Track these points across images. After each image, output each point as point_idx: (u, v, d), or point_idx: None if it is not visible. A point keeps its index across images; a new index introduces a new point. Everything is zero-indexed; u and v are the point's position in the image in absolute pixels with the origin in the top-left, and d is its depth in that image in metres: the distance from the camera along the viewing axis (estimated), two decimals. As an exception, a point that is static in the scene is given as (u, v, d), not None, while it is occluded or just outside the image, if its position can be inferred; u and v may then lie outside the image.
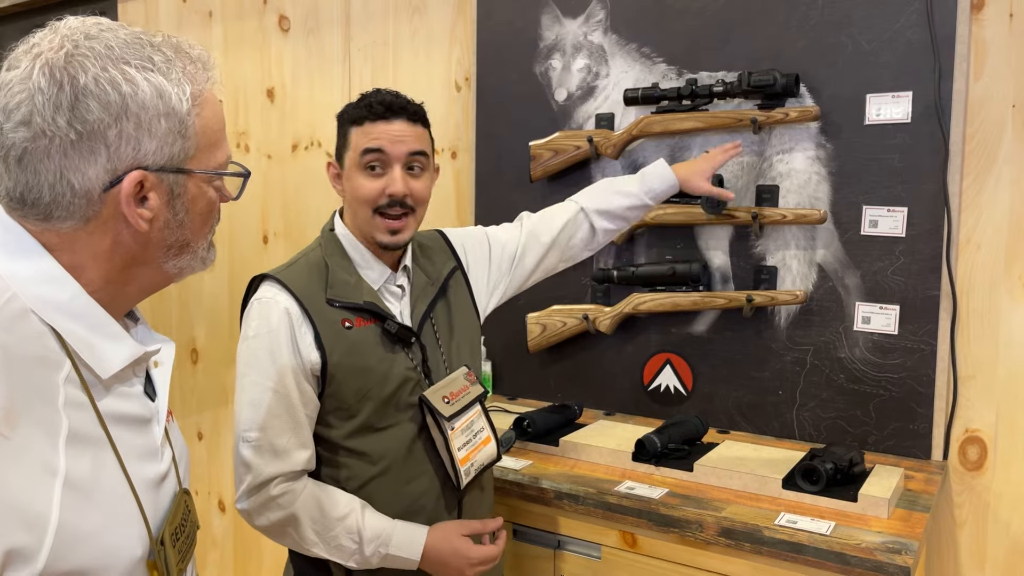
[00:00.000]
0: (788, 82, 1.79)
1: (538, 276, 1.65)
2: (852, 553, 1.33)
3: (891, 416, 1.77)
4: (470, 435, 1.41)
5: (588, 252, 1.69)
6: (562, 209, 1.65)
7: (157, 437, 0.84)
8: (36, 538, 0.67)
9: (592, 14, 2.08)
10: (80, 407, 0.74)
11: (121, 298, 0.81)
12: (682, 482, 1.62)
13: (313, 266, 1.37)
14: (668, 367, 2.03)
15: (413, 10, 2.37)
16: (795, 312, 1.87)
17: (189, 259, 0.84)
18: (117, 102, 0.73)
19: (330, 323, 1.32)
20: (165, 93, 0.76)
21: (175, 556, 0.82)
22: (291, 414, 1.30)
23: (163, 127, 0.76)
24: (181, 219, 0.81)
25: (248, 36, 2.72)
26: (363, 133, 1.34)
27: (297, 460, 1.31)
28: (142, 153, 0.75)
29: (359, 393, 1.33)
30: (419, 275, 1.46)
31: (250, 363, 1.31)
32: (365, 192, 1.35)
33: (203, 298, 2.92)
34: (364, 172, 1.35)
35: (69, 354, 0.74)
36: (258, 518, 1.31)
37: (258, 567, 2.85)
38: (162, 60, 0.77)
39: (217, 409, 2.91)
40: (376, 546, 1.31)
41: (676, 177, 1.65)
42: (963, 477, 1.73)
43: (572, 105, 2.12)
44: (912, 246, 1.74)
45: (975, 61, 1.68)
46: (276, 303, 1.31)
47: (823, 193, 1.83)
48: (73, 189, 0.74)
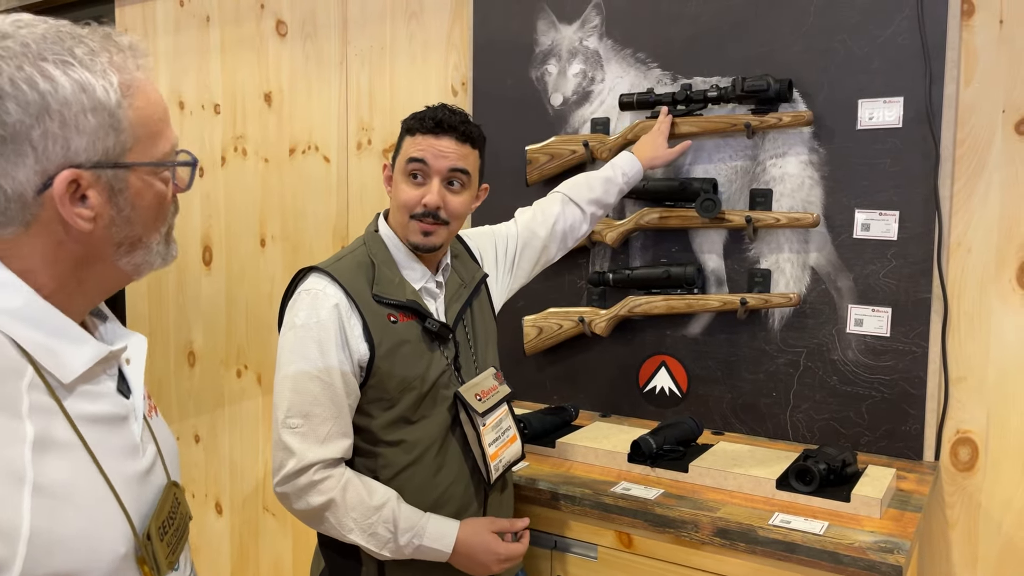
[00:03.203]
0: (781, 87, 1.81)
1: (539, 268, 1.75)
2: (845, 553, 1.34)
3: (883, 417, 1.79)
4: (499, 432, 1.47)
5: (582, 233, 1.79)
6: (550, 201, 1.76)
7: (136, 433, 0.82)
8: (8, 548, 0.65)
9: (587, 20, 2.10)
10: (47, 412, 0.72)
11: (79, 299, 0.79)
12: (677, 483, 1.63)
13: (359, 263, 1.42)
14: (663, 369, 2.04)
15: (410, 15, 2.39)
16: (788, 315, 1.89)
17: (143, 255, 0.81)
18: (36, 101, 0.70)
19: (378, 316, 1.38)
20: (88, 87, 0.72)
21: (164, 549, 0.81)
22: (335, 403, 1.35)
23: (91, 122, 0.72)
24: (127, 215, 0.77)
25: (246, 40, 2.73)
26: (413, 143, 1.42)
27: (338, 448, 1.35)
28: (72, 151, 0.72)
29: (401, 385, 1.38)
30: (454, 277, 1.52)
31: (296, 350, 1.35)
32: (404, 197, 1.42)
33: (200, 301, 2.93)
34: (407, 179, 1.42)
35: (31, 360, 0.72)
36: (297, 502, 1.35)
37: (255, 569, 2.86)
38: (85, 52, 0.73)
39: (214, 412, 2.92)
40: (410, 537, 1.35)
41: (640, 162, 1.82)
42: (954, 477, 1.75)
43: (568, 110, 2.14)
44: (904, 249, 1.76)
45: (965, 67, 1.70)
46: (326, 295, 1.36)
47: (816, 197, 1.85)
48: (6, 194, 0.71)
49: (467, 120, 1.44)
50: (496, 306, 1.64)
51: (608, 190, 1.79)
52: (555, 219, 1.72)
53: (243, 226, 2.79)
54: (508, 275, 1.68)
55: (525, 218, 1.72)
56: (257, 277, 2.77)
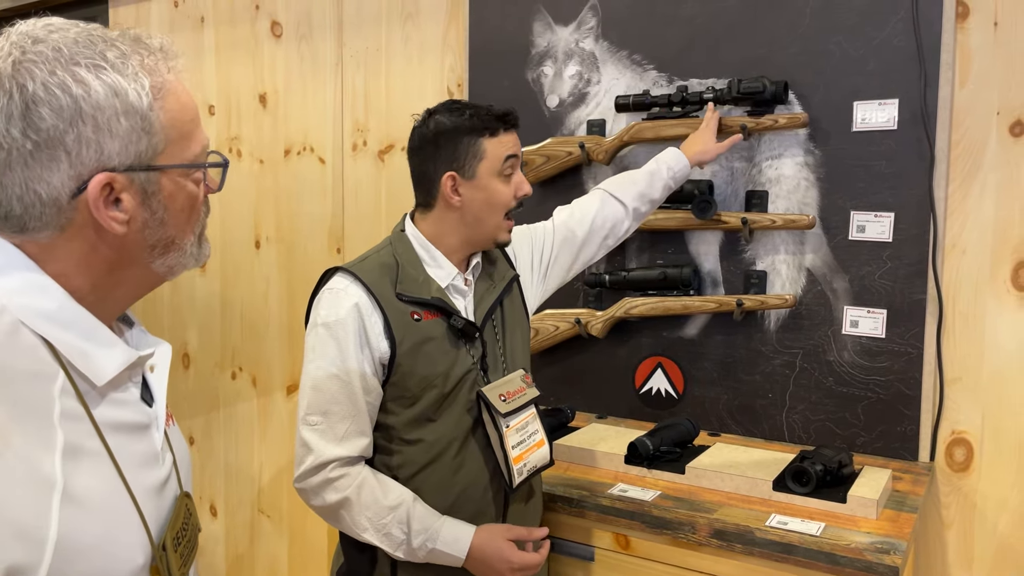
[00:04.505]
0: (777, 89, 1.82)
1: (578, 268, 1.71)
2: (842, 554, 1.35)
3: (879, 418, 1.80)
4: (524, 435, 1.45)
5: (625, 230, 1.73)
6: (589, 199, 1.72)
7: (157, 442, 0.83)
8: (35, 554, 0.66)
9: (583, 21, 2.10)
10: (76, 418, 0.72)
11: (111, 302, 0.80)
12: (674, 484, 1.63)
13: (384, 262, 1.42)
14: (659, 370, 2.05)
15: (406, 16, 2.39)
16: (784, 316, 1.90)
17: (177, 256, 0.82)
18: (70, 106, 0.70)
19: (400, 313, 1.38)
20: (121, 90, 0.72)
21: (177, 560, 0.81)
22: (353, 401, 1.35)
23: (124, 126, 0.73)
24: (161, 217, 0.78)
25: (240, 41, 2.73)
26: (499, 143, 1.42)
27: (356, 446, 1.36)
28: (106, 155, 0.72)
29: (423, 382, 1.38)
30: (484, 276, 1.52)
31: (317, 349, 1.36)
32: (504, 197, 1.44)
33: (195, 303, 2.92)
34: (502, 178, 1.43)
35: (62, 364, 0.73)
36: (314, 498, 1.36)
37: (250, 572, 2.85)
38: (116, 56, 0.73)
39: (209, 414, 2.91)
40: (424, 539, 1.35)
41: (686, 157, 1.77)
42: (950, 478, 1.76)
43: (564, 111, 2.14)
44: (899, 251, 1.77)
45: (960, 69, 1.71)
46: (347, 294, 1.37)
47: (812, 199, 1.85)
48: (41, 199, 0.72)
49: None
50: (531, 307, 1.62)
51: (652, 184, 1.72)
52: (593, 217, 1.67)
53: (238, 227, 2.78)
54: (544, 275, 1.66)
55: (563, 216, 1.68)
56: (252, 278, 2.76)
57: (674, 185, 1.77)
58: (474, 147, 1.40)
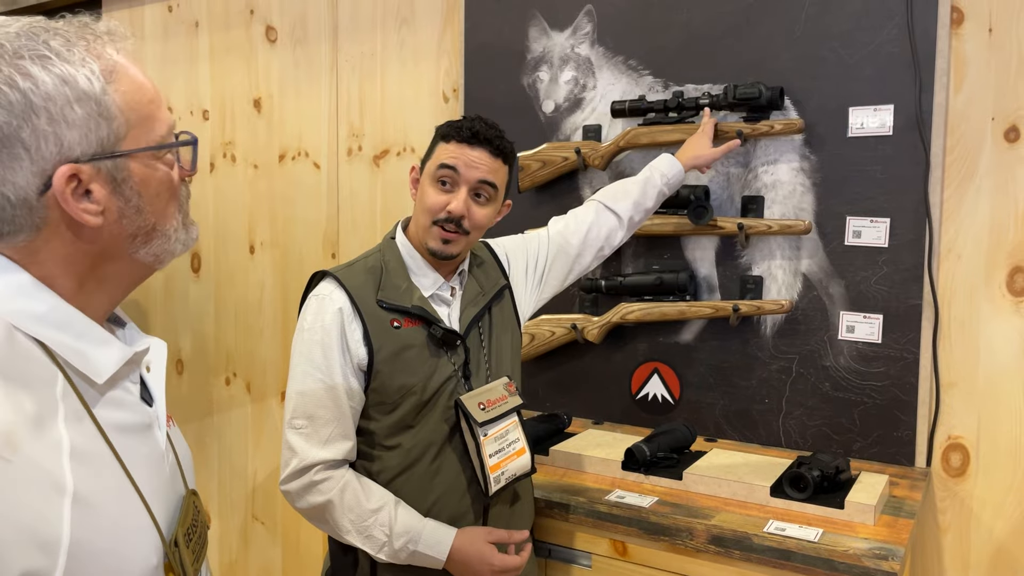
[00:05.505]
0: (773, 95, 1.82)
1: (573, 278, 1.71)
2: (840, 559, 1.34)
3: (875, 423, 1.80)
4: (503, 444, 1.45)
5: (619, 240, 1.73)
6: (584, 209, 1.72)
7: (160, 442, 0.82)
8: (50, 559, 0.65)
9: (579, 27, 2.10)
10: (79, 420, 0.72)
11: (101, 299, 0.79)
12: (671, 490, 1.63)
13: (370, 269, 1.44)
14: (656, 376, 2.04)
15: (401, 21, 2.38)
16: (780, 321, 1.90)
17: (161, 243, 0.80)
18: (19, 101, 0.69)
19: (379, 321, 1.39)
20: (70, 78, 0.70)
21: (190, 556, 0.81)
22: (337, 406, 1.37)
23: (79, 113, 0.71)
24: (136, 205, 0.76)
25: (235, 46, 2.72)
26: (446, 150, 1.42)
27: (340, 449, 1.38)
28: (66, 146, 0.71)
29: (402, 389, 1.39)
30: (472, 284, 1.52)
31: (302, 353, 1.39)
32: (430, 202, 1.42)
33: (189, 308, 2.91)
34: (435, 184, 1.43)
35: (59, 366, 0.72)
36: (299, 500, 1.38)
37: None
38: (61, 44, 0.71)
39: (203, 420, 2.89)
40: (405, 541, 1.36)
41: (680, 163, 1.77)
42: (946, 483, 1.76)
43: (559, 117, 2.14)
44: (895, 256, 1.77)
45: (955, 75, 1.72)
46: (331, 300, 1.39)
47: (808, 204, 1.86)
48: (10, 201, 0.70)
49: (502, 135, 1.45)
50: (524, 315, 1.62)
51: (646, 192, 1.73)
52: (588, 227, 1.68)
53: (232, 232, 2.77)
54: (538, 285, 1.66)
55: (558, 227, 1.69)
56: (246, 284, 2.75)
57: (668, 192, 1.77)
58: (434, 148, 1.45)
